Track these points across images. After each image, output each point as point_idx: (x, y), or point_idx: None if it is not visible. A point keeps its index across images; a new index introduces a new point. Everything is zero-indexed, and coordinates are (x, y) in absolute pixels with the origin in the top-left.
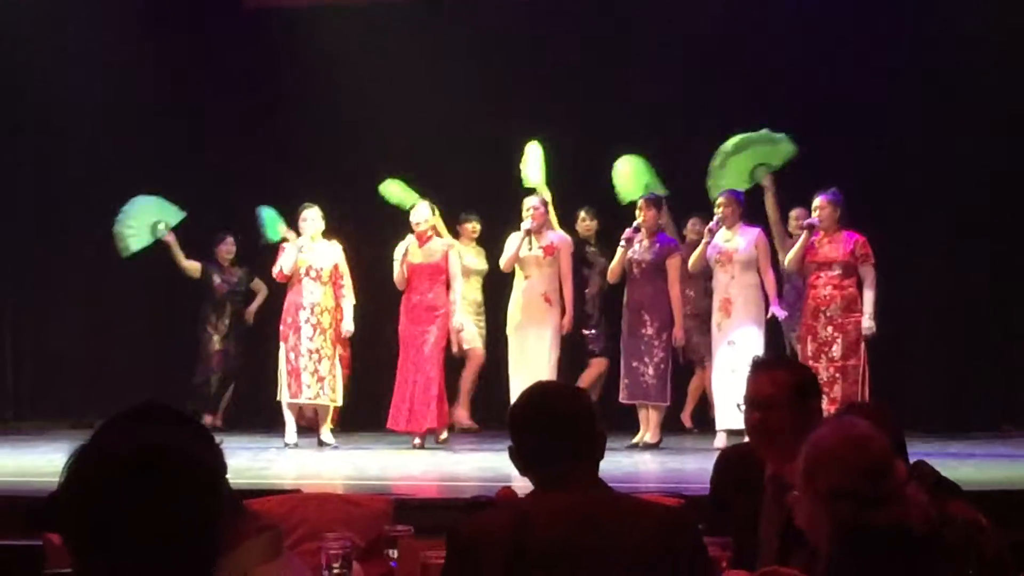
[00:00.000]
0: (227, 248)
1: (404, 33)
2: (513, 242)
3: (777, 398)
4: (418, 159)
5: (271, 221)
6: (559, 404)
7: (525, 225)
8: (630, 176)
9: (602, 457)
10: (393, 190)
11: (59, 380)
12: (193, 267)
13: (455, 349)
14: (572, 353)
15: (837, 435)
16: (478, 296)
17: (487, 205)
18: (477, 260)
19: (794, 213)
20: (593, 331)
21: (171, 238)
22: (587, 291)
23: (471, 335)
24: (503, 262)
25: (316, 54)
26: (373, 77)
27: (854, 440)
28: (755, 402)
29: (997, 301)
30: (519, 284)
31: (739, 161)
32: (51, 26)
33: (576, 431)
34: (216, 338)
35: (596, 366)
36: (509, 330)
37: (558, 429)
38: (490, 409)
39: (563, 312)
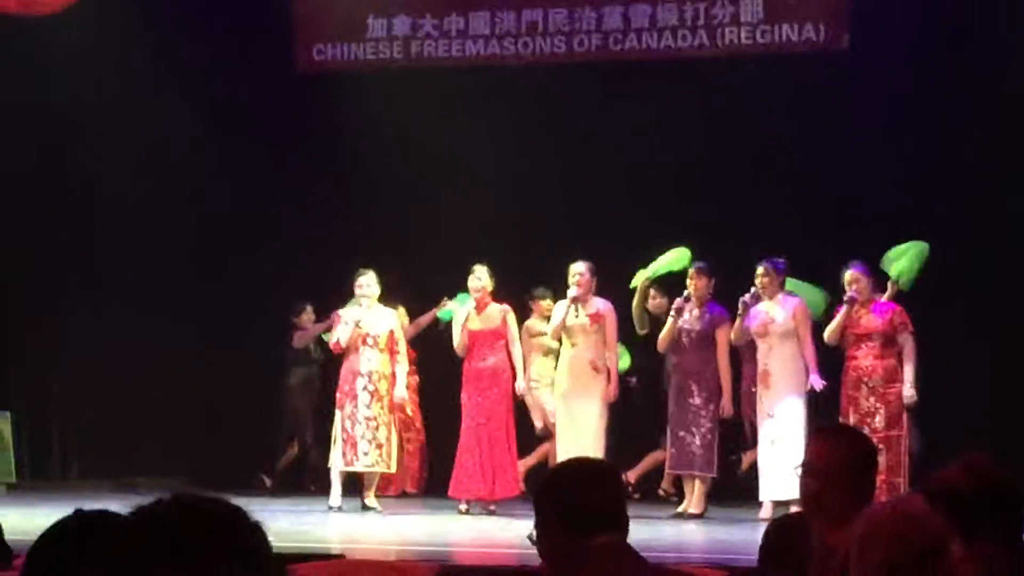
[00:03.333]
0: (308, 317)
1: (460, 97)
2: (559, 310)
3: (833, 469)
4: (473, 224)
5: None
6: (586, 483)
7: (571, 293)
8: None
9: (627, 533)
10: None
11: (103, 437)
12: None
13: (539, 424)
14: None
15: (894, 510)
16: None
17: (549, 277)
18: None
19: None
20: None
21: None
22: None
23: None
24: (551, 331)
25: (369, 117)
26: (428, 140)
27: (910, 516)
28: (811, 470)
29: None
30: (566, 352)
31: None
32: (97, 89)
33: (603, 510)
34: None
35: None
36: (556, 398)
37: (584, 507)
38: (538, 474)
39: (609, 380)
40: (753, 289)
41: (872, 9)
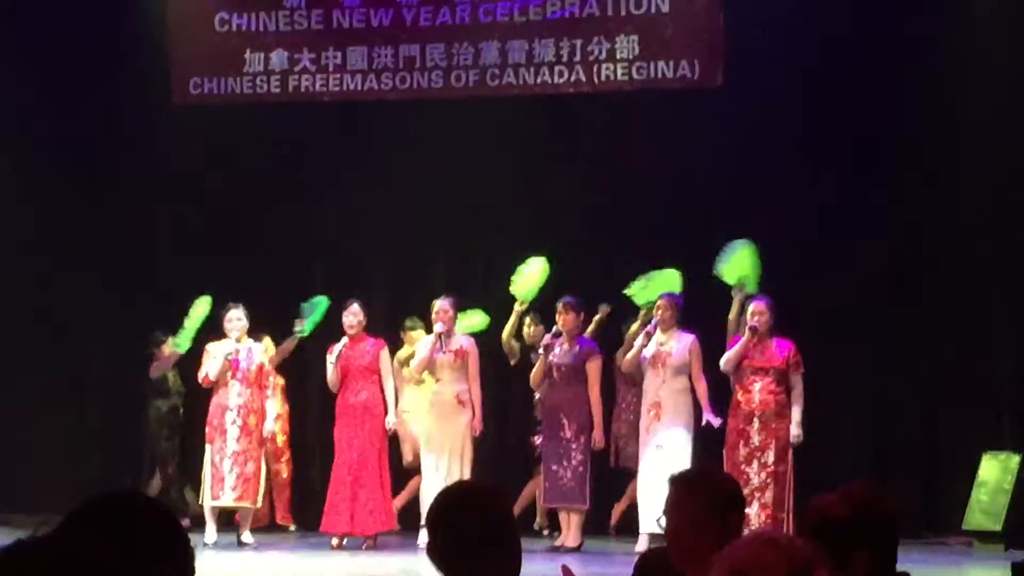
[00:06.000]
0: (163, 350)
1: (336, 133)
2: (424, 346)
3: (689, 518)
4: (350, 257)
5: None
6: (478, 502)
7: (436, 328)
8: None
9: (518, 560)
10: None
11: None
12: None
13: (408, 458)
14: (521, 460)
15: (759, 538)
16: None
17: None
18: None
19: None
20: (540, 438)
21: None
22: (536, 397)
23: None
24: (415, 365)
25: (245, 149)
26: (304, 174)
27: (775, 542)
28: (674, 522)
29: (917, 403)
30: (429, 387)
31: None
32: None
33: (493, 531)
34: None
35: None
36: (421, 434)
37: (475, 528)
38: (410, 510)
39: (474, 414)
40: (653, 320)
41: (746, 48)
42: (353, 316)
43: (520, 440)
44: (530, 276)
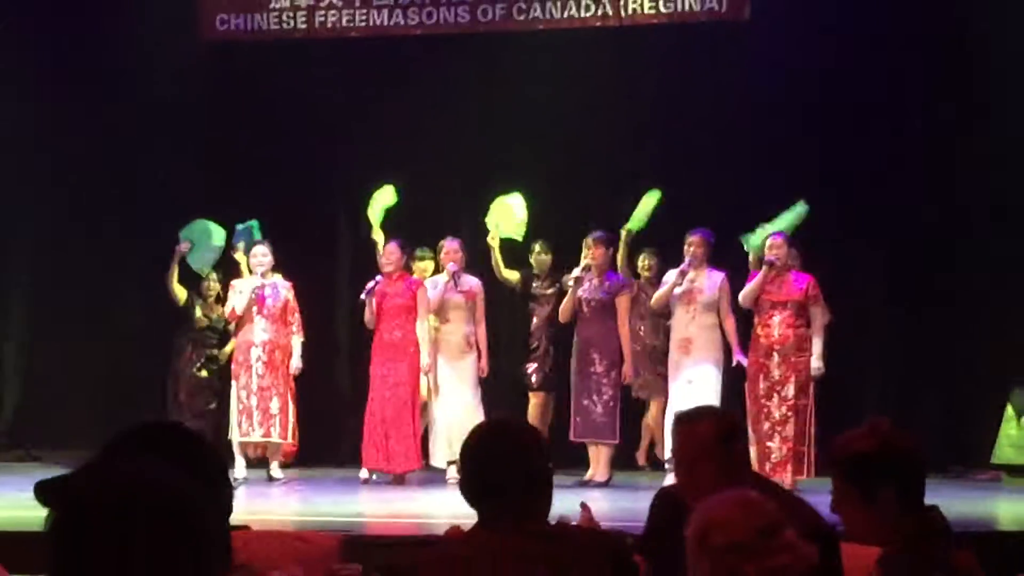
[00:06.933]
0: (208, 284)
1: (364, 68)
2: (433, 286)
3: (701, 452)
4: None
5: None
6: (511, 439)
7: (449, 268)
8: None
9: (548, 496)
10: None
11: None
12: (180, 292)
13: (425, 394)
14: (513, 386)
15: (729, 499)
16: None
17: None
18: None
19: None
20: (534, 365)
21: (185, 248)
22: (532, 325)
23: None
24: (431, 303)
25: (274, 88)
26: (334, 112)
27: (744, 501)
28: (681, 459)
29: (944, 336)
30: (435, 327)
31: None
32: None
33: (525, 468)
34: (189, 372)
35: (535, 401)
36: (430, 376)
37: (507, 465)
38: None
39: (480, 355)
40: (688, 259)
41: None
42: (391, 254)
43: (513, 369)
44: (510, 213)
